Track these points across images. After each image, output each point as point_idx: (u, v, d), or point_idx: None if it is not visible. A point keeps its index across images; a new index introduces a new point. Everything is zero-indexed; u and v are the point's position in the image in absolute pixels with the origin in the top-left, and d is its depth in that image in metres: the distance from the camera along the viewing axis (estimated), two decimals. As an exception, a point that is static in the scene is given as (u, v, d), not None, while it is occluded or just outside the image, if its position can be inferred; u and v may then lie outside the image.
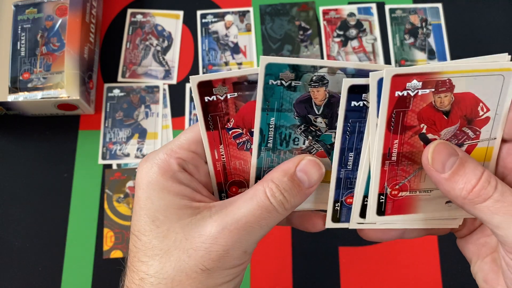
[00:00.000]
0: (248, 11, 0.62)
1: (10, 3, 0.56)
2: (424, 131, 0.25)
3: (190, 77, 0.25)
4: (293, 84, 0.25)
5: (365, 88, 0.24)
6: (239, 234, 0.25)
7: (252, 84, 0.26)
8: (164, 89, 0.59)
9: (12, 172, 0.56)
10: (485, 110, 0.25)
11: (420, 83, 0.24)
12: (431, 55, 0.60)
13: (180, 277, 0.24)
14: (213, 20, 0.62)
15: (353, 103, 0.25)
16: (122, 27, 0.62)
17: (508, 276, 0.25)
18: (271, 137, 0.27)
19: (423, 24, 0.61)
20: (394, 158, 0.26)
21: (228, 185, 0.29)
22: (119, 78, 0.60)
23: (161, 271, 0.25)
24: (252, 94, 0.26)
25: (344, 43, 0.61)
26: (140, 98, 0.59)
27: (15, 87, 0.53)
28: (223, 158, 0.28)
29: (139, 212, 0.26)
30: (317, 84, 0.25)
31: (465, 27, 0.61)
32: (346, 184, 0.28)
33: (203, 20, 0.62)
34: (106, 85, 0.59)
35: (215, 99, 0.26)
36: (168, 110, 0.58)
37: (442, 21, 0.61)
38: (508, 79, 0.24)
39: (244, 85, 0.26)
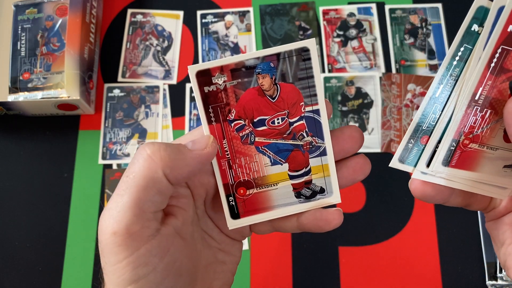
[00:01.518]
0: (248, 11, 0.63)
1: (10, 3, 0.56)
2: None
3: (188, 66, 0.25)
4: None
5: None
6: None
7: (250, 70, 0.25)
8: (164, 89, 0.59)
9: (12, 172, 0.56)
10: None
11: None
12: (431, 55, 0.60)
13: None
14: (213, 20, 0.62)
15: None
16: (122, 27, 0.62)
17: None
18: (447, 90, 0.26)
19: (423, 24, 0.61)
20: (480, 102, 0.25)
21: (235, 186, 0.28)
22: (119, 78, 0.60)
23: None
24: (250, 81, 0.26)
25: (344, 43, 0.61)
26: (140, 98, 0.59)
27: (15, 87, 0.53)
28: (228, 155, 0.28)
29: None
30: None
31: (465, 27, 0.61)
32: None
33: (203, 20, 0.62)
34: (106, 85, 0.59)
35: (214, 89, 0.26)
36: (168, 110, 0.58)
37: (442, 21, 0.61)
38: None
39: (242, 71, 0.25)
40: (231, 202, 0.29)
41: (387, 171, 0.55)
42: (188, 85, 0.60)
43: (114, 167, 0.56)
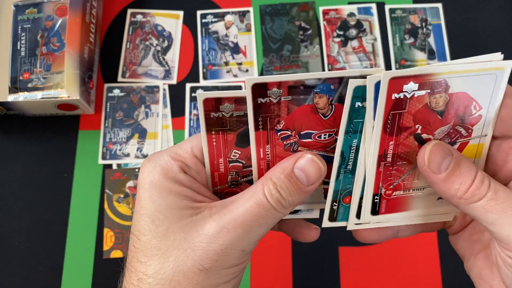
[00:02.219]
0: (248, 11, 0.63)
1: (10, 3, 0.56)
2: (419, 131, 0.26)
3: (246, 78, 0.25)
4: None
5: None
6: (237, 233, 0.25)
7: (308, 88, 0.25)
8: (164, 89, 0.59)
9: (12, 172, 0.56)
10: (477, 108, 0.25)
11: (417, 85, 0.24)
12: (431, 55, 0.60)
13: (178, 277, 0.24)
14: (213, 20, 0.62)
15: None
16: (122, 27, 0.62)
17: (504, 272, 0.25)
18: (351, 159, 0.27)
19: (423, 24, 0.61)
20: (389, 159, 0.26)
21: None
22: (119, 78, 0.60)
23: (159, 271, 0.25)
24: (306, 99, 0.26)
25: (344, 43, 0.61)
26: (140, 98, 0.59)
27: (15, 87, 0.53)
28: (268, 157, 0.28)
29: (140, 211, 0.26)
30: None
31: (465, 27, 0.61)
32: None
33: (203, 20, 0.62)
34: (106, 85, 0.59)
35: (268, 101, 0.26)
36: (168, 110, 0.58)
37: (442, 21, 0.61)
38: (501, 77, 0.24)
39: (300, 89, 0.25)
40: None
41: (387, 171, 0.55)
42: (188, 85, 0.60)
43: (114, 167, 0.56)
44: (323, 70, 0.59)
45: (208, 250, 0.24)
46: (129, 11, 0.63)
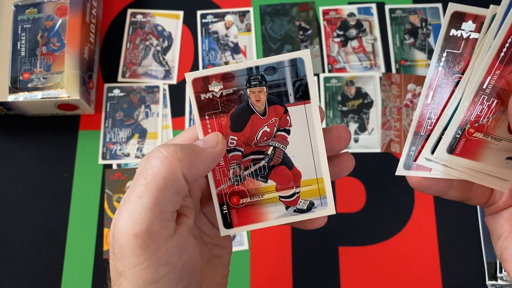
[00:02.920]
0: (248, 11, 0.63)
1: (10, 3, 0.56)
2: None
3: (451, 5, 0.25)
4: None
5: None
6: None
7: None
8: (164, 89, 0.59)
9: (12, 172, 0.56)
10: None
11: None
12: (431, 55, 0.60)
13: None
14: (213, 20, 0.62)
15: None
16: (122, 27, 0.62)
17: None
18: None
19: (423, 24, 0.61)
20: (488, 91, 0.26)
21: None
22: (119, 78, 0.60)
23: None
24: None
25: (344, 43, 0.61)
26: (140, 98, 0.59)
27: (15, 87, 0.53)
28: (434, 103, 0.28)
29: None
30: None
31: (465, 27, 0.61)
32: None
33: (203, 20, 0.62)
34: (106, 85, 0.59)
35: (459, 34, 0.26)
36: (168, 110, 0.58)
37: (442, 21, 0.61)
38: None
39: None
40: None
41: (387, 171, 0.55)
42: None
43: (114, 167, 0.56)
44: (323, 70, 0.59)
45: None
46: (129, 11, 0.63)
